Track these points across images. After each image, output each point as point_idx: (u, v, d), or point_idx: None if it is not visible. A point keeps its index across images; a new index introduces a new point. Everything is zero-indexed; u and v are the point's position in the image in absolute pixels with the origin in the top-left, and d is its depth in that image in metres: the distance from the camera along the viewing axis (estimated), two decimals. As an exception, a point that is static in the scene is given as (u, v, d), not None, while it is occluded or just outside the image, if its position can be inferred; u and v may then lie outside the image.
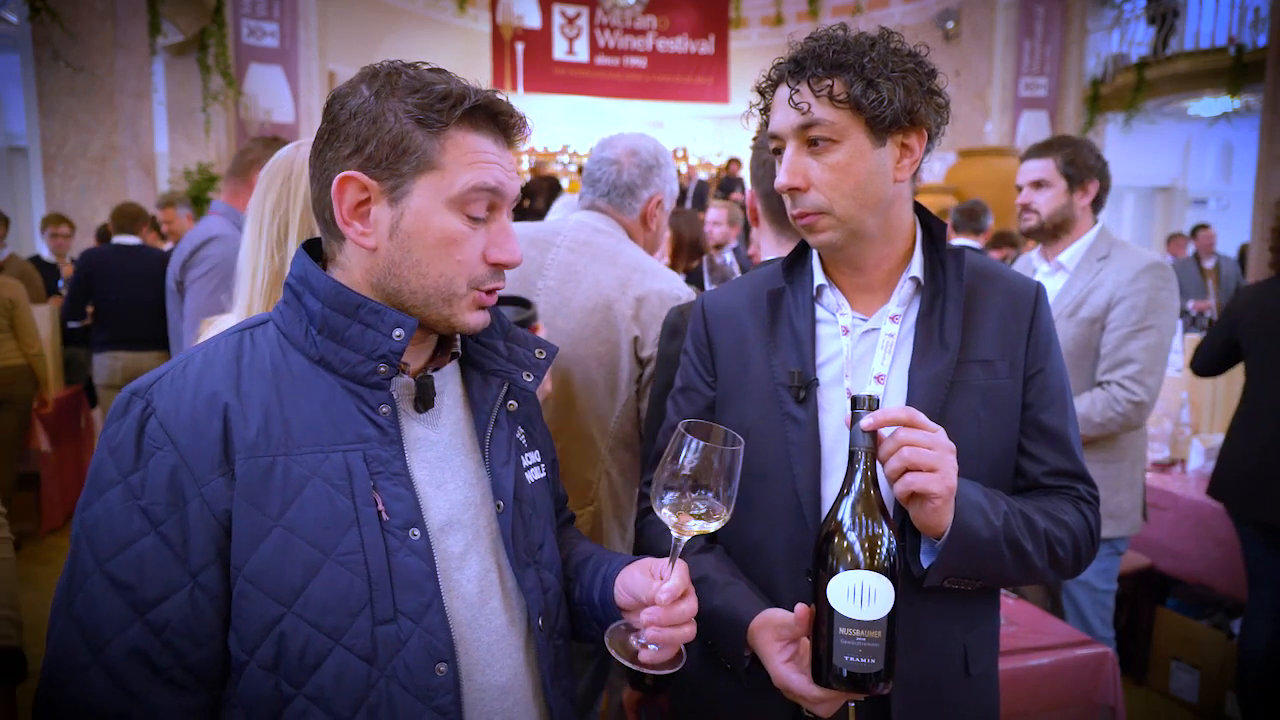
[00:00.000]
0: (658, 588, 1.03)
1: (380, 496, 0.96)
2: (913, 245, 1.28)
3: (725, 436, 1.03)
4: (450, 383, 1.10)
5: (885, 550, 1.02)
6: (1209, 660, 3.36)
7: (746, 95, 1.32)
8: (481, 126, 1.00)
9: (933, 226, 1.29)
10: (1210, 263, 8.35)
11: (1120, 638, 3.26)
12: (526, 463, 1.15)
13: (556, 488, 1.29)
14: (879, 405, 1.06)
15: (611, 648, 1.07)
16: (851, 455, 1.06)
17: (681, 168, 13.93)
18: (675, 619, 1.02)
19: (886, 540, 1.03)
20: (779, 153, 1.23)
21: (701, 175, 12.97)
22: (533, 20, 15.36)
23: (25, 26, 7.28)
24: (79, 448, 5.68)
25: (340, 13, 12.44)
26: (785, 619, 1.12)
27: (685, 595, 1.04)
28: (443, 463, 1.05)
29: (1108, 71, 11.98)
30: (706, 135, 16.06)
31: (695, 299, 1.54)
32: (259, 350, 1.00)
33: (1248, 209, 8.44)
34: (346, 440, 0.97)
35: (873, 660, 1.00)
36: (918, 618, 1.17)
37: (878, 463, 1.07)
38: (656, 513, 1.04)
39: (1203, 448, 3.81)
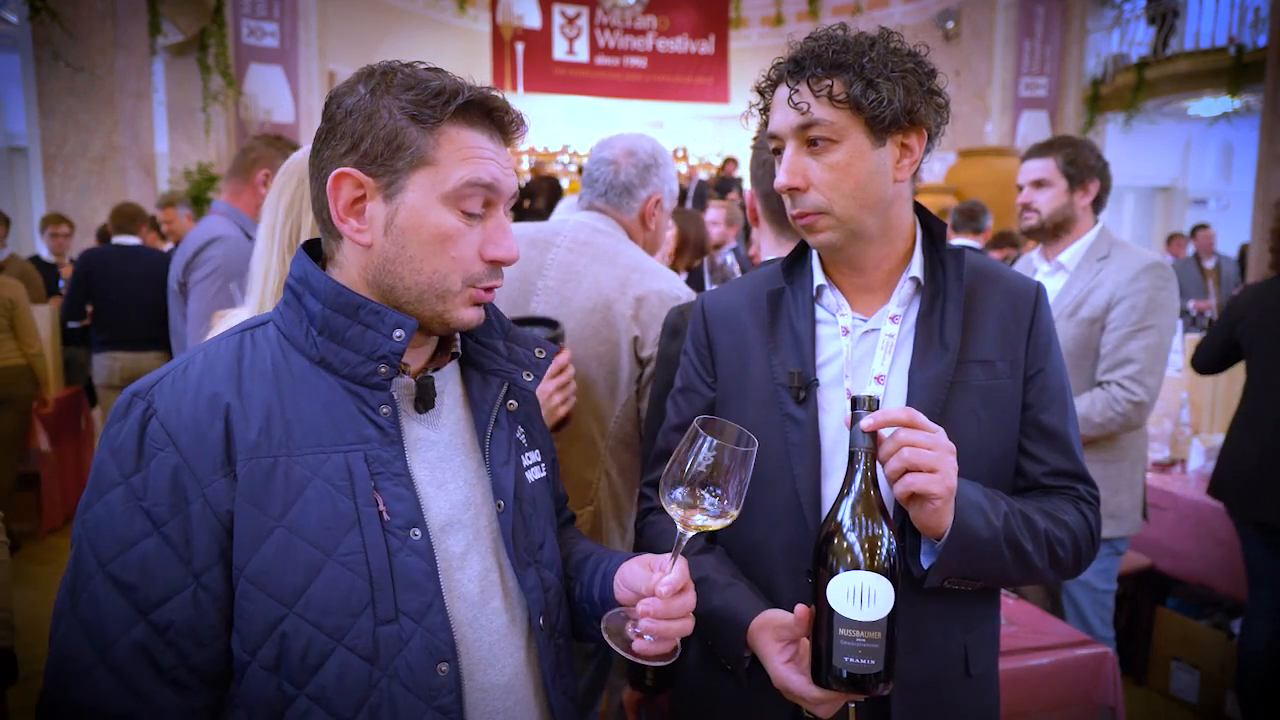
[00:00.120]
0: (658, 580, 1.03)
1: (381, 497, 0.96)
2: (913, 245, 1.28)
3: (739, 436, 1.03)
4: (450, 383, 1.10)
5: (885, 551, 1.02)
6: (1209, 660, 3.36)
7: (746, 95, 1.32)
8: (477, 122, 1.00)
9: (933, 226, 1.29)
10: (1210, 263, 8.35)
11: (1120, 638, 3.26)
12: (527, 462, 1.15)
13: (557, 487, 1.29)
14: (879, 406, 1.06)
15: (607, 635, 1.07)
16: (851, 456, 1.06)
17: (682, 168, 13.91)
18: (673, 612, 1.02)
19: (886, 541, 1.03)
20: (779, 153, 1.23)
21: (702, 175, 12.92)
22: (533, 20, 15.35)
23: (25, 26, 7.28)
24: (79, 448, 5.68)
25: (340, 13, 12.44)
26: (785, 620, 1.12)
27: (685, 590, 1.04)
28: (443, 463, 1.05)
29: (1108, 71, 11.98)
30: (706, 135, 16.04)
31: (695, 299, 1.54)
32: (260, 351, 1.00)
33: (1248, 209, 8.44)
34: (347, 441, 0.97)
35: (873, 661, 1.00)
36: (918, 618, 1.17)
37: (878, 463, 1.06)
38: (663, 505, 1.04)
39: (1203, 448, 3.81)
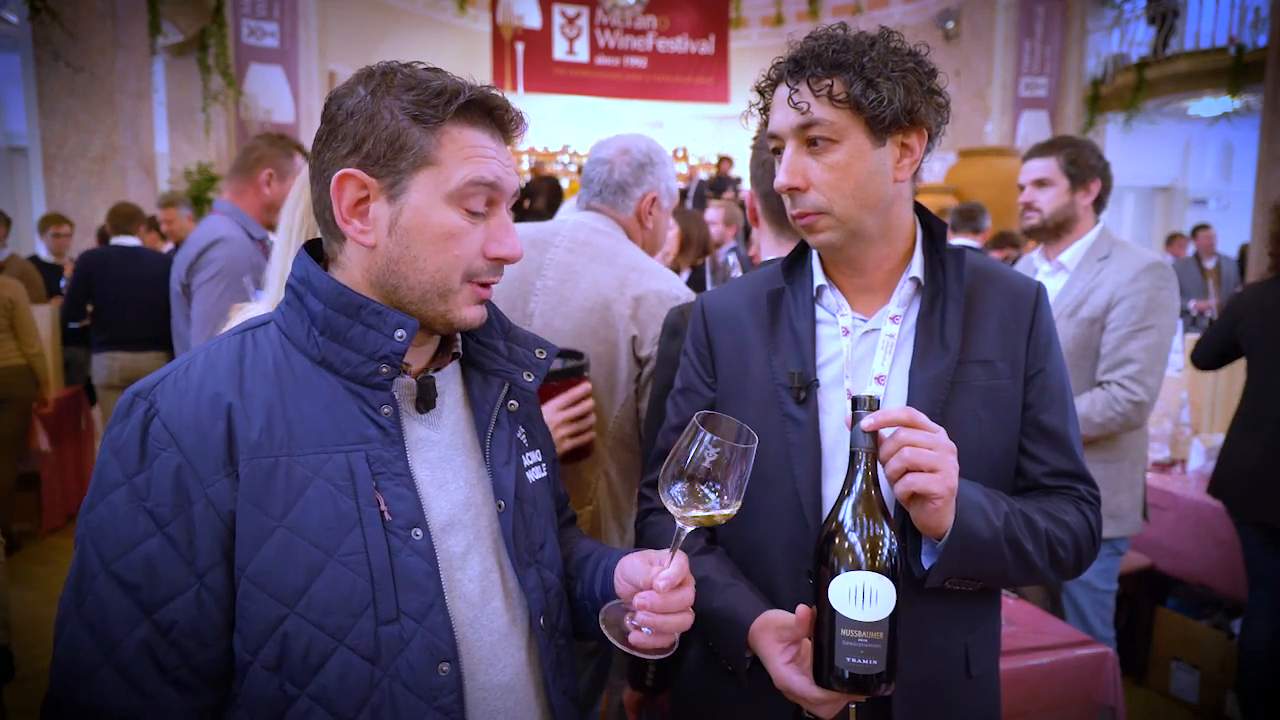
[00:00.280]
0: (656, 573, 1.03)
1: (383, 497, 0.96)
2: (913, 245, 1.28)
3: (739, 432, 1.03)
4: (451, 383, 1.10)
5: (886, 551, 1.02)
6: (1209, 660, 3.36)
7: (746, 95, 1.32)
8: (478, 121, 1.00)
9: (933, 226, 1.29)
10: (1211, 263, 8.35)
11: (1120, 638, 3.26)
12: (527, 462, 1.15)
13: (557, 487, 1.29)
14: (879, 406, 1.06)
15: (604, 626, 1.08)
16: (852, 456, 1.06)
17: (681, 168, 13.90)
18: (671, 607, 1.02)
19: (887, 541, 1.02)
20: (778, 152, 1.22)
21: (702, 175, 12.91)
22: (533, 20, 15.35)
23: (25, 26, 7.28)
24: (79, 448, 5.68)
25: (340, 13, 12.43)
26: (786, 620, 1.12)
27: (683, 585, 1.04)
28: (444, 463, 1.05)
29: (1108, 71, 11.97)
30: (706, 135, 16.04)
31: (695, 299, 1.53)
32: (261, 351, 1.00)
33: (1248, 209, 8.45)
34: (349, 441, 0.97)
35: (874, 661, 1.00)
36: (919, 619, 1.17)
37: (878, 463, 1.06)
38: (662, 500, 1.04)
39: (1203, 448, 3.81)
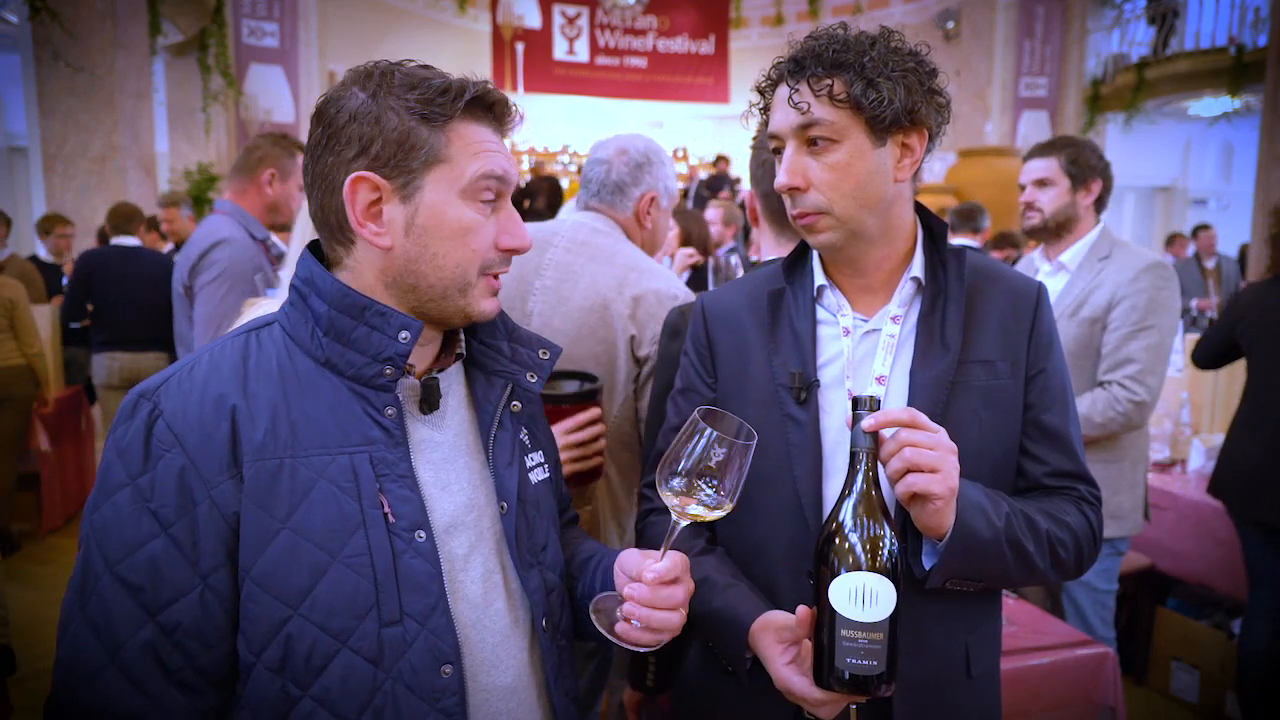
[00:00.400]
0: (648, 566, 1.03)
1: (386, 499, 0.96)
2: (913, 245, 1.27)
3: (739, 429, 1.04)
4: (454, 384, 1.10)
5: (887, 552, 1.02)
6: (1209, 660, 3.36)
7: (746, 95, 1.32)
8: (480, 117, 1.01)
9: (934, 226, 1.29)
10: (1211, 263, 8.35)
11: (1120, 638, 3.26)
12: (530, 463, 1.15)
13: (560, 488, 1.29)
14: (880, 406, 1.06)
15: (594, 615, 1.08)
16: (853, 456, 1.06)
17: (681, 168, 13.89)
18: (658, 602, 1.02)
19: (888, 542, 1.02)
20: (779, 152, 1.22)
21: (702, 175, 12.91)
22: (533, 20, 15.34)
23: (25, 26, 7.27)
24: (79, 448, 5.68)
25: (340, 13, 12.43)
26: (786, 621, 1.11)
27: (675, 583, 1.03)
28: (447, 464, 1.05)
29: (1108, 71, 11.97)
30: (706, 135, 16.03)
31: (695, 299, 1.53)
32: (265, 352, 1.00)
33: (1248, 209, 8.44)
34: (353, 442, 0.97)
35: (874, 662, 1.00)
36: (919, 619, 1.17)
37: (879, 464, 1.06)
38: (659, 494, 1.04)
39: (1203, 448, 3.81)
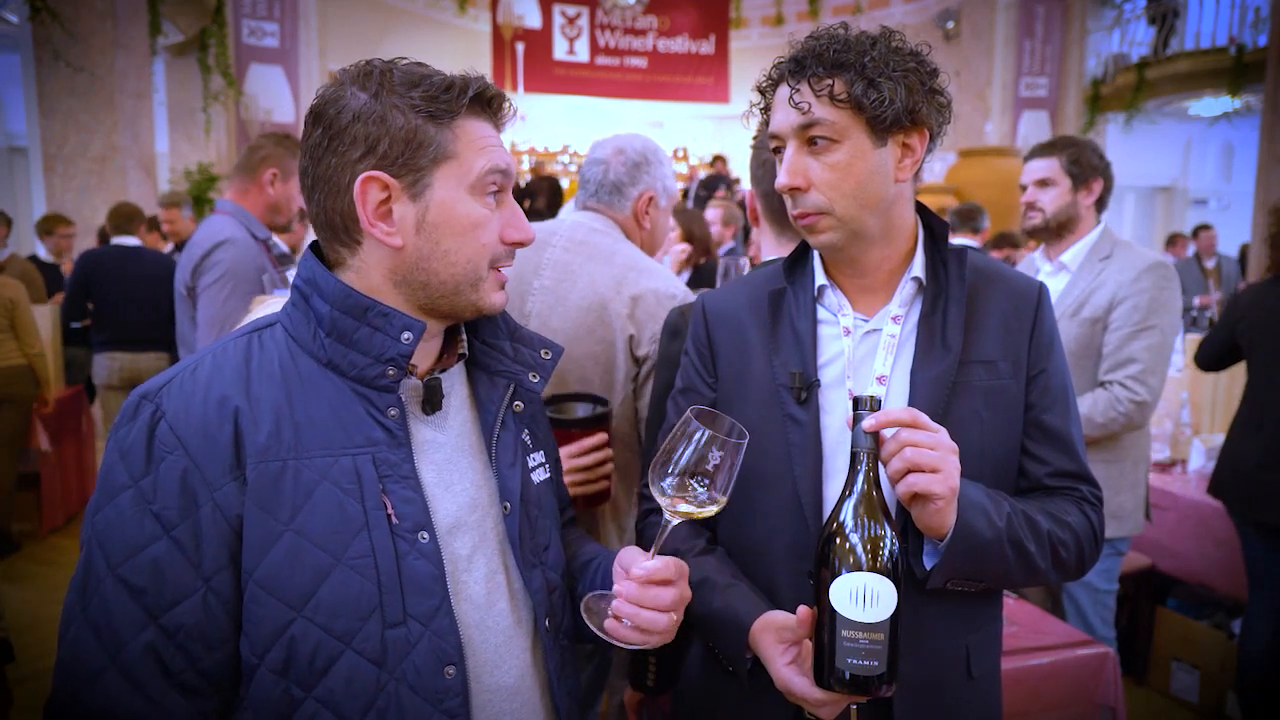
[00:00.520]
0: (638, 563, 1.03)
1: (389, 500, 0.96)
2: (914, 245, 1.27)
3: (731, 428, 1.04)
4: (457, 384, 1.10)
5: (888, 552, 1.02)
6: (1209, 660, 3.36)
7: (747, 95, 1.32)
8: (481, 113, 1.02)
9: (934, 226, 1.29)
10: (1211, 263, 8.35)
11: (1121, 638, 3.26)
12: (532, 463, 1.15)
13: (560, 488, 1.29)
14: (881, 406, 1.06)
15: (585, 612, 1.08)
16: (853, 456, 1.06)
17: (682, 168, 13.89)
18: (646, 600, 1.01)
19: (889, 542, 1.02)
20: (779, 152, 1.22)
21: (702, 175, 12.91)
22: (533, 20, 15.33)
23: (25, 26, 7.27)
24: (80, 448, 5.68)
25: (340, 13, 12.43)
26: (787, 621, 1.11)
27: (665, 583, 1.03)
28: (450, 464, 1.05)
29: (1108, 71, 11.96)
30: (706, 135, 16.02)
31: (696, 299, 1.53)
32: (268, 353, 1.00)
33: (1248, 209, 8.44)
34: (355, 443, 0.97)
35: (875, 662, 1.00)
36: (920, 619, 1.17)
37: (880, 464, 1.06)
38: (652, 491, 1.05)
39: (1203, 448, 3.81)
